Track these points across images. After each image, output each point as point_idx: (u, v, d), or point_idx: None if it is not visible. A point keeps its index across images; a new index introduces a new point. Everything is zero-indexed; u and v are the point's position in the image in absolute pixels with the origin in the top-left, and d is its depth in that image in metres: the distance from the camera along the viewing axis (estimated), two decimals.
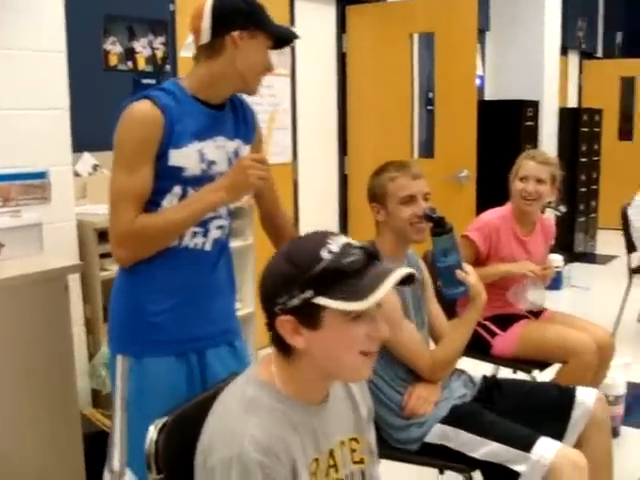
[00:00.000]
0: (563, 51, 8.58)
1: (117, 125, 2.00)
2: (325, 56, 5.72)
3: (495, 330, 3.28)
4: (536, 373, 3.22)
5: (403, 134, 5.76)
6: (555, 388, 2.68)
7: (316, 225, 1.58)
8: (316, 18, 5.56)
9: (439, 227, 2.36)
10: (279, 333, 1.48)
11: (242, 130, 2.19)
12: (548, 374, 3.21)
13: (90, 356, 3.30)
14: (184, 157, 2.02)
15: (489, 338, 3.28)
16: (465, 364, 2.76)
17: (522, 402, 2.56)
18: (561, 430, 2.45)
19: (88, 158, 3.66)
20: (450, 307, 2.91)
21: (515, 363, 3.30)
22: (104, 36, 3.86)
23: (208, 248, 2.14)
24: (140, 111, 1.98)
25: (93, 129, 3.42)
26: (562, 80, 8.14)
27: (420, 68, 6.24)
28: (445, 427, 2.38)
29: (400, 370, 2.47)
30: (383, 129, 5.70)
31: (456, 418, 2.39)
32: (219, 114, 2.11)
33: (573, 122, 8.11)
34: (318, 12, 5.58)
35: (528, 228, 3.44)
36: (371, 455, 1.71)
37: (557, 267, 6.09)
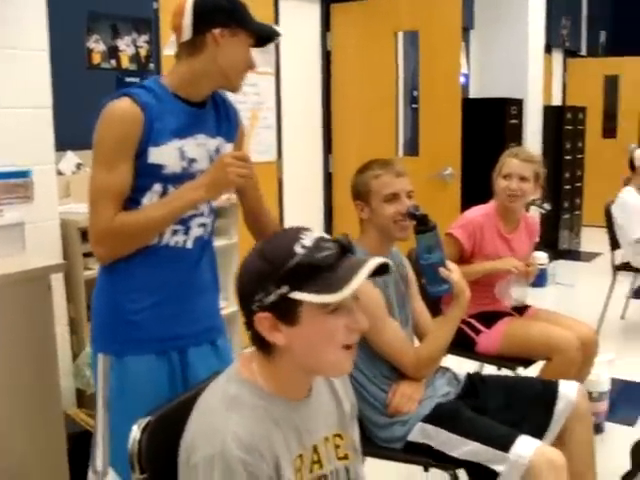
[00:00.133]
0: (547, 49, 8.60)
1: (97, 123, 2.00)
2: (309, 54, 5.71)
3: (479, 327, 3.29)
4: (520, 370, 3.23)
5: (388, 132, 5.76)
6: (538, 382, 2.70)
7: (301, 223, 1.59)
8: (300, 16, 5.55)
9: (422, 225, 2.37)
10: (258, 331, 1.48)
11: (224, 128, 2.19)
12: (532, 371, 3.22)
13: (74, 356, 3.29)
14: (164, 155, 2.01)
15: (473, 335, 3.28)
16: (450, 361, 2.77)
17: (506, 397, 2.56)
18: (544, 423, 2.47)
19: (71, 157, 3.64)
20: (434, 305, 2.92)
21: (499, 360, 3.31)
22: (87, 34, 3.84)
23: (189, 246, 2.14)
24: (120, 109, 1.98)
25: (76, 128, 3.39)
26: (546, 78, 8.16)
27: (405, 66, 6.24)
28: (427, 426, 2.38)
29: (384, 368, 2.47)
30: (368, 127, 5.71)
31: (438, 417, 2.39)
32: (200, 112, 2.11)
33: (557, 120, 8.13)
34: (302, 10, 5.58)
35: (512, 226, 3.45)
36: (355, 451, 1.71)
37: (542, 264, 6.12)
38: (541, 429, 2.44)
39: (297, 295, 1.43)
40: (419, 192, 2.52)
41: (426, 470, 2.45)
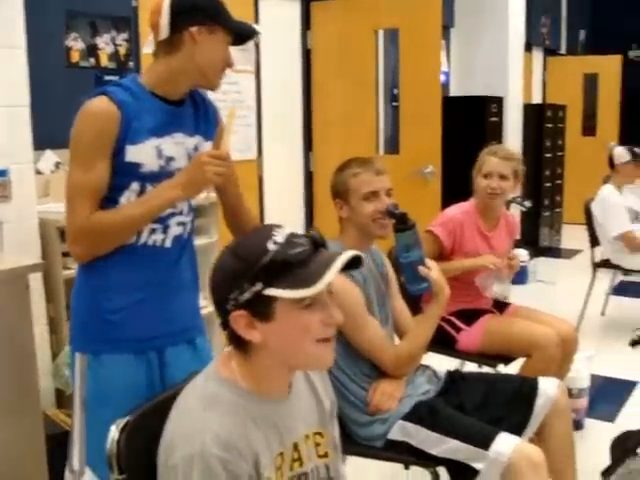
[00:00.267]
0: (527, 48, 8.63)
1: (74, 121, 1.99)
2: (290, 53, 5.71)
3: (460, 325, 3.30)
4: (501, 367, 3.25)
5: (368, 130, 5.77)
6: (518, 379, 2.71)
7: (281, 221, 1.59)
8: (280, 15, 5.54)
9: (401, 223, 2.37)
10: (234, 330, 1.48)
11: (202, 126, 2.18)
12: (513, 368, 3.23)
13: (54, 356, 3.27)
14: (141, 153, 2.00)
15: (454, 333, 3.29)
16: (430, 359, 2.78)
17: (486, 394, 2.57)
18: (524, 420, 2.48)
19: (50, 156, 3.62)
20: (414, 303, 2.92)
21: (480, 358, 3.32)
22: (66, 32, 3.82)
23: (168, 245, 2.13)
24: (96, 107, 1.96)
25: (55, 126, 3.36)
26: (526, 76, 8.18)
27: (385, 64, 6.25)
28: (407, 424, 2.38)
29: (364, 366, 2.47)
30: (348, 125, 5.71)
31: (418, 415, 2.39)
32: (178, 110, 2.10)
33: (537, 118, 8.17)
34: (282, 8, 5.57)
35: (492, 223, 3.46)
36: (335, 449, 1.72)
37: (522, 262, 6.14)
38: (521, 425, 2.45)
39: (271, 291, 1.43)
40: (400, 190, 2.53)
41: (407, 468, 2.46)
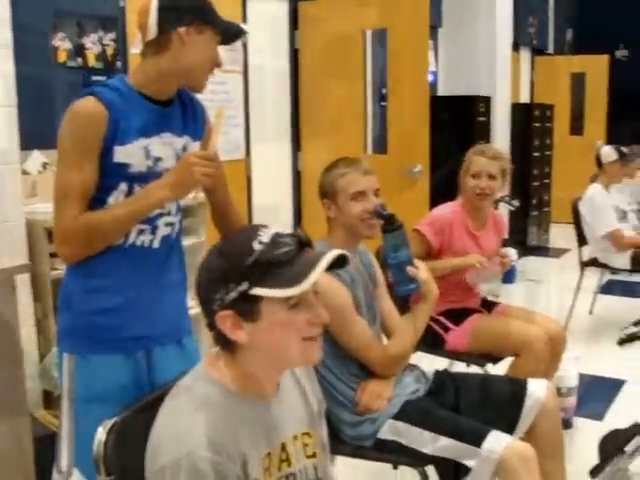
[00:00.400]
0: (515, 47, 8.66)
1: (62, 122, 1.98)
2: (277, 52, 5.70)
3: (448, 325, 3.30)
4: (489, 367, 3.25)
5: (356, 130, 5.76)
6: (507, 380, 2.71)
7: (270, 221, 1.59)
8: (268, 14, 5.53)
9: (389, 224, 2.37)
10: (220, 330, 1.48)
11: (191, 126, 2.17)
12: (501, 367, 3.24)
13: (41, 357, 3.25)
14: (129, 154, 2.00)
15: (442, 333, 3.30)
16: (419, 359, 2.78)
17: (475, 395, 2.57)
18: (513, 422, 2.48)
19: (37, 156, 3.60)
20: (403, 303, 2.92)
21: (469, 357, 3.33)
22: (53, 32, 3.80)
23: (156, 245, 2.12)
24: (84, 107, 1.96)
25: (42, 126, 3.37)
26: (514, 76, 8.21)
27: (373, 64, 6.25)
28: (397, 423, 2.39)
29: (352, 366, 2.47)
30: (336, 125, 5.70)
31: (408, 414, 2.40)
32: (166, 110, 2.09)
33: (525, 117, 8.19)
34: (270, 8, 5.56)
35: (480, 223, 3.47)
36: (323, 450, 1.72)
37: (511, 261, 6.14)
38: (510, 427, 2.45)
39: (257, 291, 1.43)
40: (388, 189, 2.53)
41: (395, 468, 2.46)
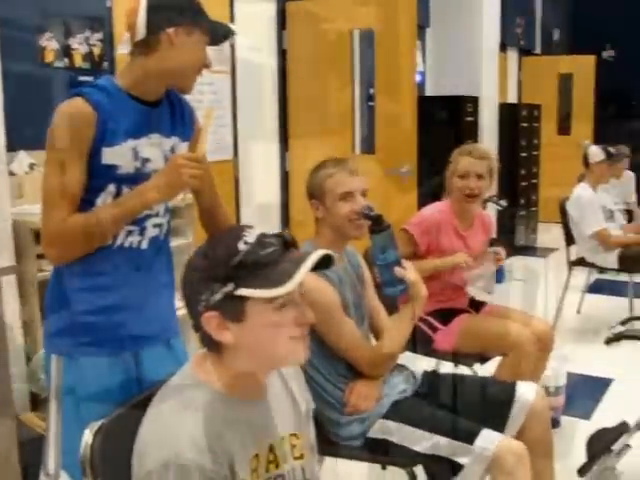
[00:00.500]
0: (502, 48, 8.68)
1: (50, 123, 1.97)
2: (265, 52, 5.69)
3: (436, 325, 3.30)
4: (477, 366, 3.26)
5: (344, 130, 5.76)
6: (495, 383, 2.72)
7: (258, 222, 1.58)
8: (256, 14, 5.53)
9: (376, 225, 2.36)
10: (206, 331, 1.47)
11: (179, 127, 2.17)
12: (489, 367, 3.24)
13: (28, 359, 3.24)
14: (117, 155, 1.99)
15: (430, 333, 3.30)
16: (406, 359, 2.78)
17: (463, 397, 2.57)
18: (501, 425, 2.47)
19: (24, 157, 3.59)
20: (392, 303, 2.92)
21: (456, 357, 3.33)
22: (40, 32, 3.78)
23: (144, 247, 2.11)
24: (72, 108, 1.95)
25: (29, 127, 3.35)
26: (501, 76, 8.23)
27: (361, 64, 6.25)
28: (387, 422, 2.39)
29: (341, 367, 2.47)
30: (324, 125, 5.70)
31: (398, 413, 2.40)
32: (154, 111, 2.08)
33: (513, 117, 8.21)
34: (258, 8, 5.55)
35: (467, 223, 3.47)
36: (311, 451, 1.72)
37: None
38: (498, 429, 2.44)
39: (242, 292, 1.43)
40: (376, 190, 2.53)
41: (383, 468, 2.46)
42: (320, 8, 5.68)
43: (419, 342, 3.16)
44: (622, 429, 2.98)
